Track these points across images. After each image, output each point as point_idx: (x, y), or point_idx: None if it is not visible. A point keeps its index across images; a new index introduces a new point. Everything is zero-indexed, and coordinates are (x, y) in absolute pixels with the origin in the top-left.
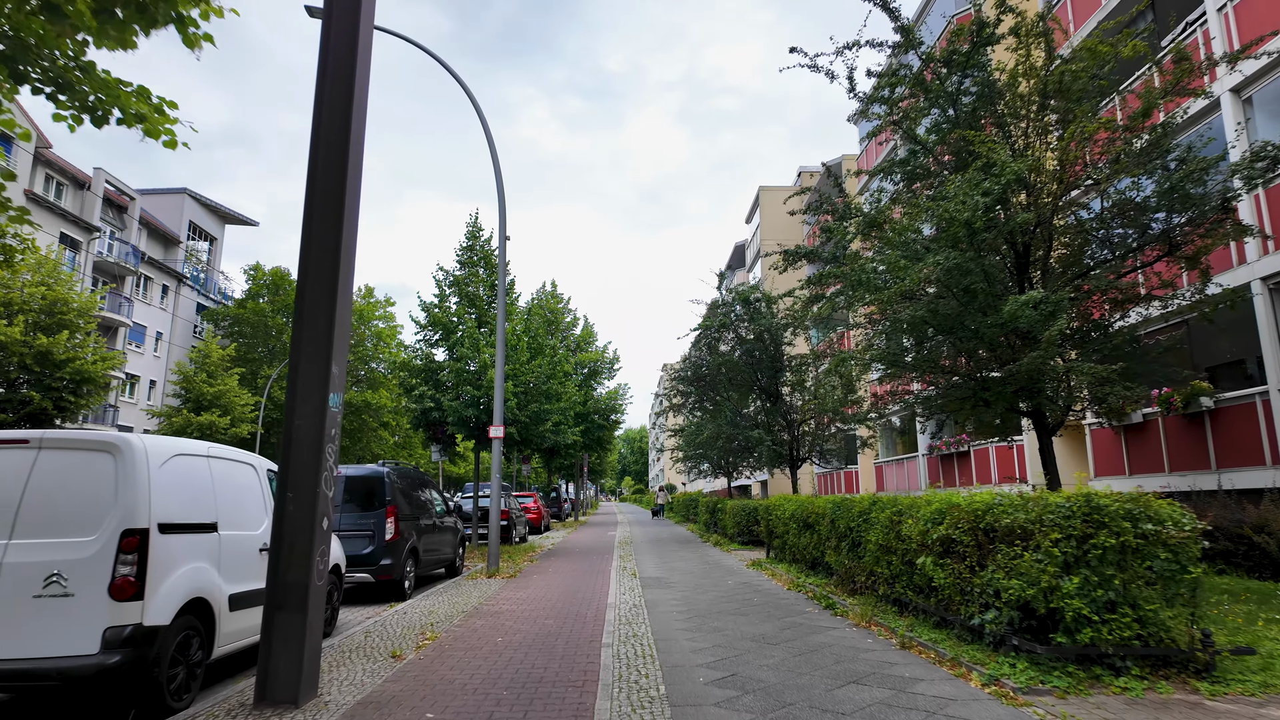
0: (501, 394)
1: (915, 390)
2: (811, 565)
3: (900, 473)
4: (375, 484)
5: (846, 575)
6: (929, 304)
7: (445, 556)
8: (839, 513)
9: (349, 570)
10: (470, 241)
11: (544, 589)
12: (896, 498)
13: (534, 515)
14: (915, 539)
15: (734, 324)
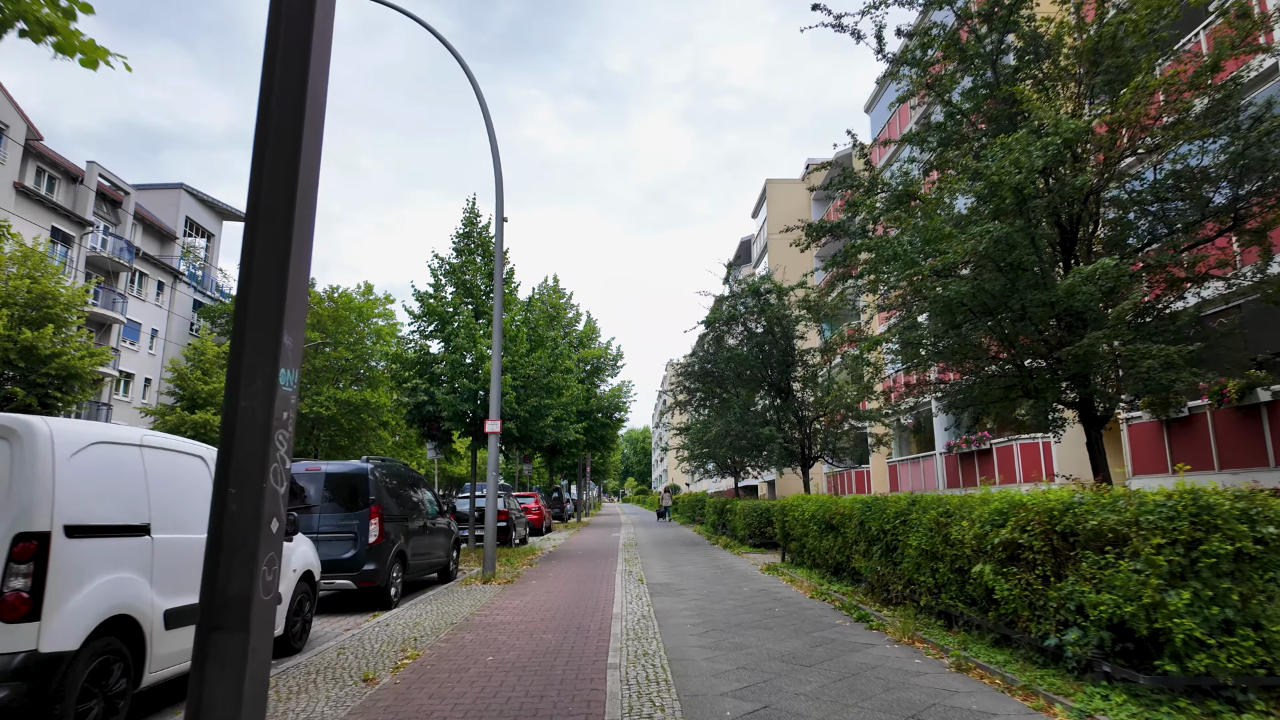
0: (498, 386)
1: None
2: (835, 571)
3: (916, 472)
4: (358, 482)
5: (879, 583)
6: (972, 280)
7: (438, 561)
8: (870, 514)
9: (328, 577)
10: (467, 228)
11: (543, 596)
12: (940, 496)
13: (535, 516)
14: (969, 544)
15: (743, 317)
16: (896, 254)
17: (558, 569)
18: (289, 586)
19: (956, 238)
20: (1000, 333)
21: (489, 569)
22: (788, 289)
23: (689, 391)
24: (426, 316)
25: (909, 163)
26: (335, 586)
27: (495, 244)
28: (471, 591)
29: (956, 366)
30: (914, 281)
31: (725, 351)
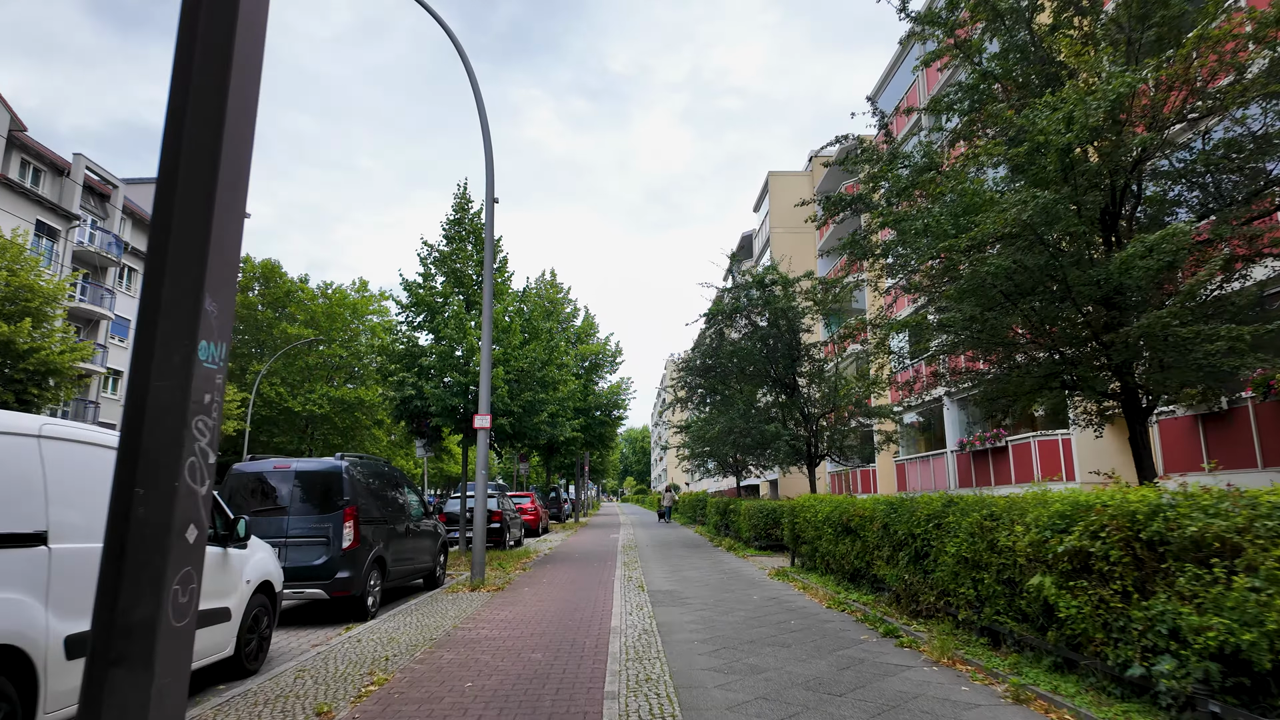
0: (488, 379)
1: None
2: (851, 578)
3: (925, 471)
4: (331, 481)
5: (906, 593)
6: (1010, 256)
7: (422, 566)
8: (895, 516)
9: (297, 585)
10: (458, 214)
11: (535, 606)
12: (983, 497)
13: (531, 517)
14: (1023, 552)
15: (746, 309)
16: (927, 226)
17: (552, 574)
18: (241, 600)
19: (996, 205)
20: (1037, 316)
21: (477, 575)
22: (793, 280)
23: (690, 387)
24: (415, 307)
25: (934, 131)
26: (305, 596)
27: (485, 225)
28: (457, 600)
29: (987, 354)
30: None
31: (728, 345)
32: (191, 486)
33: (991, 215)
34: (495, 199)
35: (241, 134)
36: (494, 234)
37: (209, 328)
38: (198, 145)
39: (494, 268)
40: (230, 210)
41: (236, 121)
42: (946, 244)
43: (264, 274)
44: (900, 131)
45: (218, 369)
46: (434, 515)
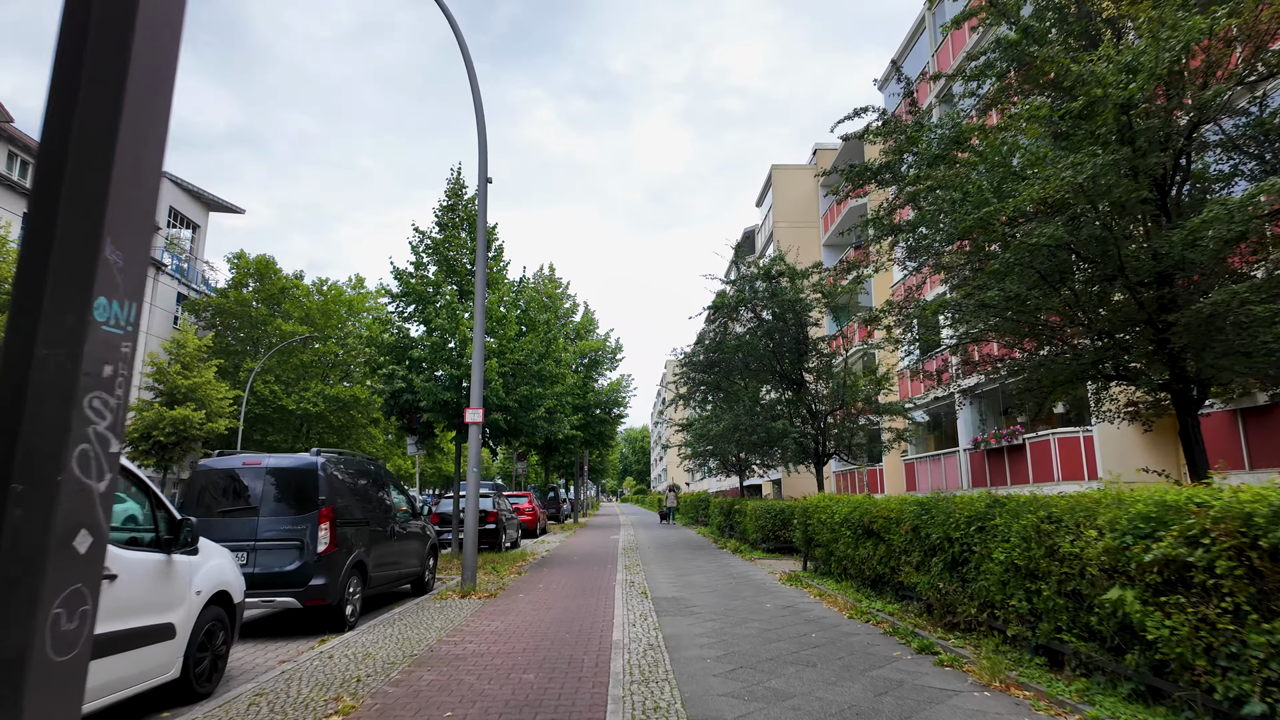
0: (480, 369)
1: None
2: (872, 584)
3: (936, 471)
4: (306, 479)
5: (940, 603)
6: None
7: (409, 571)
8: (928, 517)
9: (266, 594)
10: (451, 200)
11: (529, 615)
12: (1037, 496)
13: (529, 517)
14: (1096, 560)
15: (751, 302)
16: (966, 194)
17: (550, 578)
18: (189, 614)
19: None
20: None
21: (468, 581)
22: (801, 272)
23: (693, 383)
24: (406, 297)
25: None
26: (277, 605)
27: (478, 206)
28: (446, 608)
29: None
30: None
31: (732, 340)
32: (82, 481)
33: (1037, 181)
34: (489, 178)
35: (163, 26)
36: (487, 215)
37: (111, 281)
38: (104, 38)
39: (489, 255)
40: (144, 130)
41: (156, 12)
42: (990, 210)
43: (258, 270)
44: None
45: (124, 334)
46: (422, 516)
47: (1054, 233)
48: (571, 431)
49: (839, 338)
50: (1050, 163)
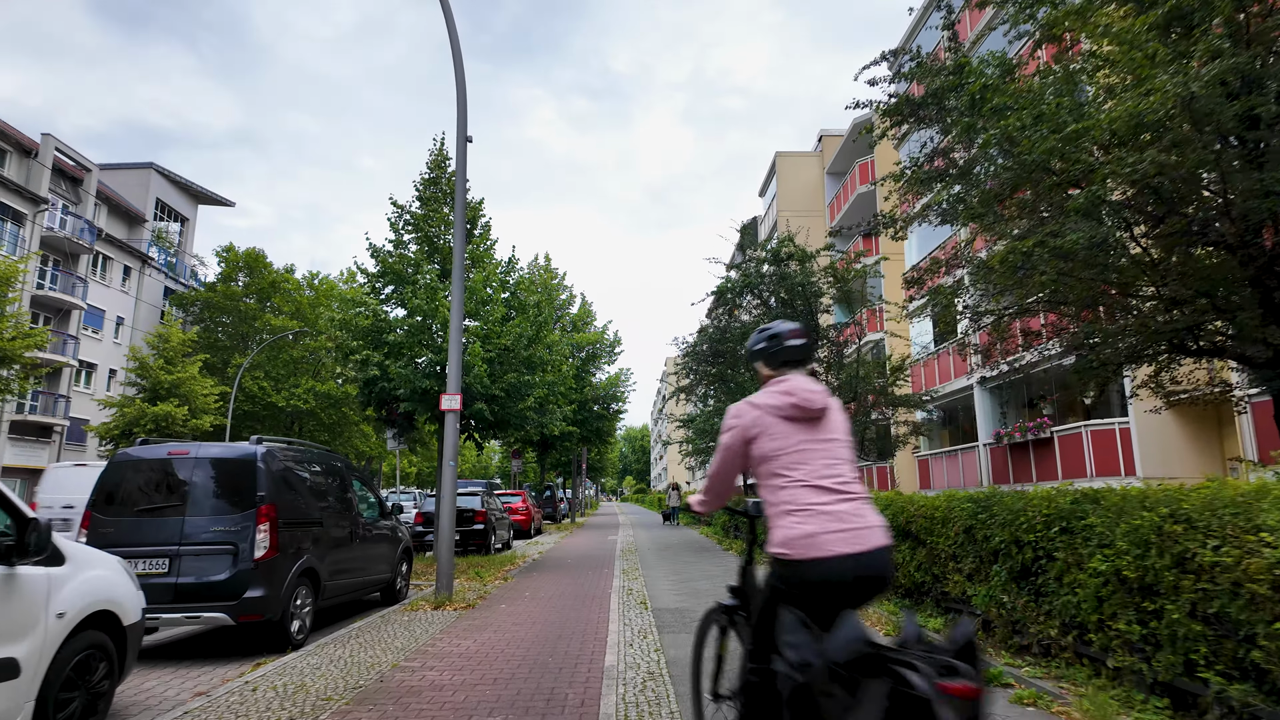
0: (458, 351)
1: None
2: (907, 594)
3: (953, 468)
4: (242, 472)
5: (1004, 621)
6: (1152, 158)
7: (376, 577)
8: (987, 517)
9: (190, 609)
10: (433, 173)
11: (508, 632)
12: (1151, 490)
13: (523, 517)
14: (1263, 575)
15: (758, 286)
16: (1038, 117)
17: (538, 585)
18: (44, 645)
19: (1158, 68)
20: (1182, 242)
21: (443, 589)
22: (811, 254)
23: (696, 374)
24: (382, 276)
25: (1018, 23)
26: (204, 622)
27: (457, 167)
28: (414, 622)
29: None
30: (1079, 151)
31: (737, 327)
32: None
33: (1129, 96)
34: (469, 138)
35: None
36: (466, 178)
37: None
38: None
39: (475, 233)
40: None
41: None
42: (1081, 125)
43: (248, 263)
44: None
45: None
46: (393, 516)
47: (1159, 159)
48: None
49: (851, 325)
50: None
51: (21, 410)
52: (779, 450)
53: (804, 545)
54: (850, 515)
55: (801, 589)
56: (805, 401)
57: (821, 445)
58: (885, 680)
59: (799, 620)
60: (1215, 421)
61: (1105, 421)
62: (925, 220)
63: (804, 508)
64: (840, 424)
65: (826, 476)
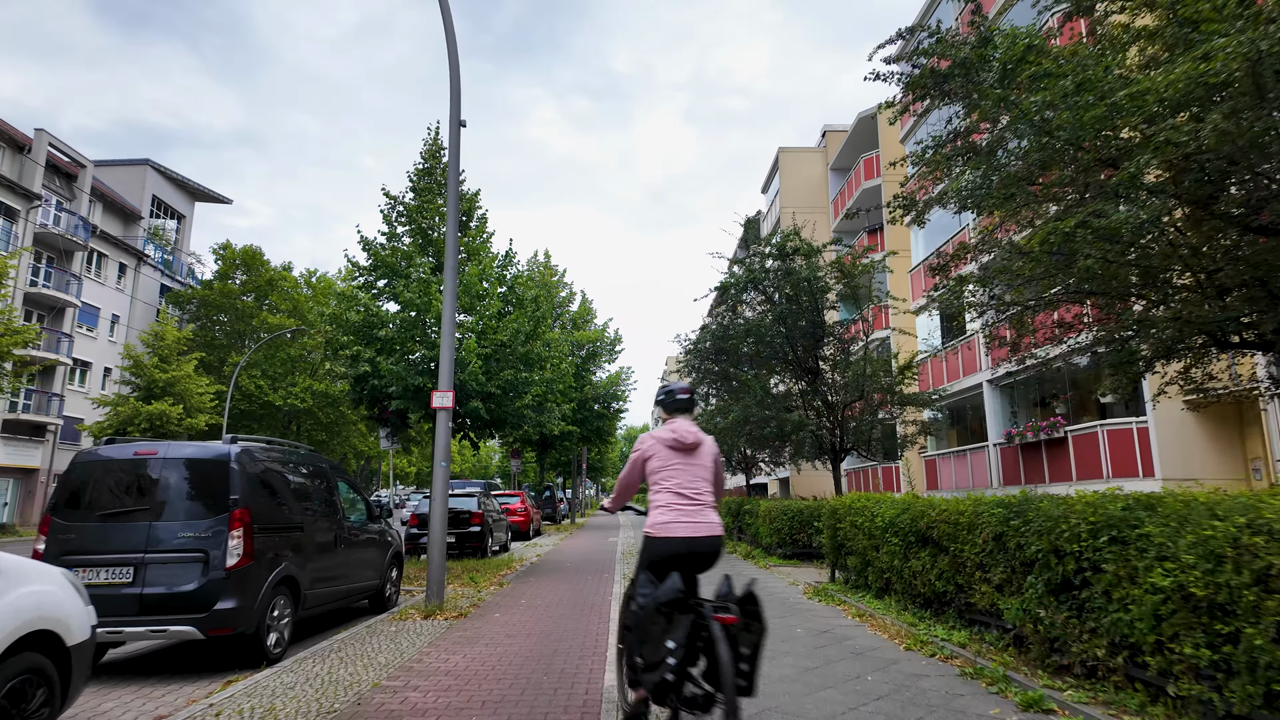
0: (451, 345)
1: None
2: (926, 604)
3: (961, 468)
4: (214, 473)
5: (1041, 638)
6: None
7: (363, 585)
8: (1021, 523)
9: (156, 622)
10: (428, 163)
11: (500, 645)
12: (1216, 498)
13: (521, 518)
14: None
15: (762, 283)
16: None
17: (535, 590)
18: None
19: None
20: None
21: (434, 597)
22: (817, 249)
23: (699, 372)
24: (374, 269)
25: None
26: (170, 636)
27: (449, 152)
28: (400, 633)
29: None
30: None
31: (741, 324)
32: None
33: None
34: (462, 122)
35: None
36: (459, 164)
37: None
38: None
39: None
40: None
41: None
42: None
43: (245, 261)
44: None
45: None
46: (382, 519)
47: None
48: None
49: (858, 322)
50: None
51: (15, 409)
52: (660, 467)
53: (661, 528)
54: (695, 513)
55: (657, 555)
56: (682, 437)
57: (690, 467)
58: (690, 615)
59: (648, 578)
60: (1237, 421)
61: (1122, 421)
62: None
63: (667, 505)
64: (707, 453)
65: (687, 487)
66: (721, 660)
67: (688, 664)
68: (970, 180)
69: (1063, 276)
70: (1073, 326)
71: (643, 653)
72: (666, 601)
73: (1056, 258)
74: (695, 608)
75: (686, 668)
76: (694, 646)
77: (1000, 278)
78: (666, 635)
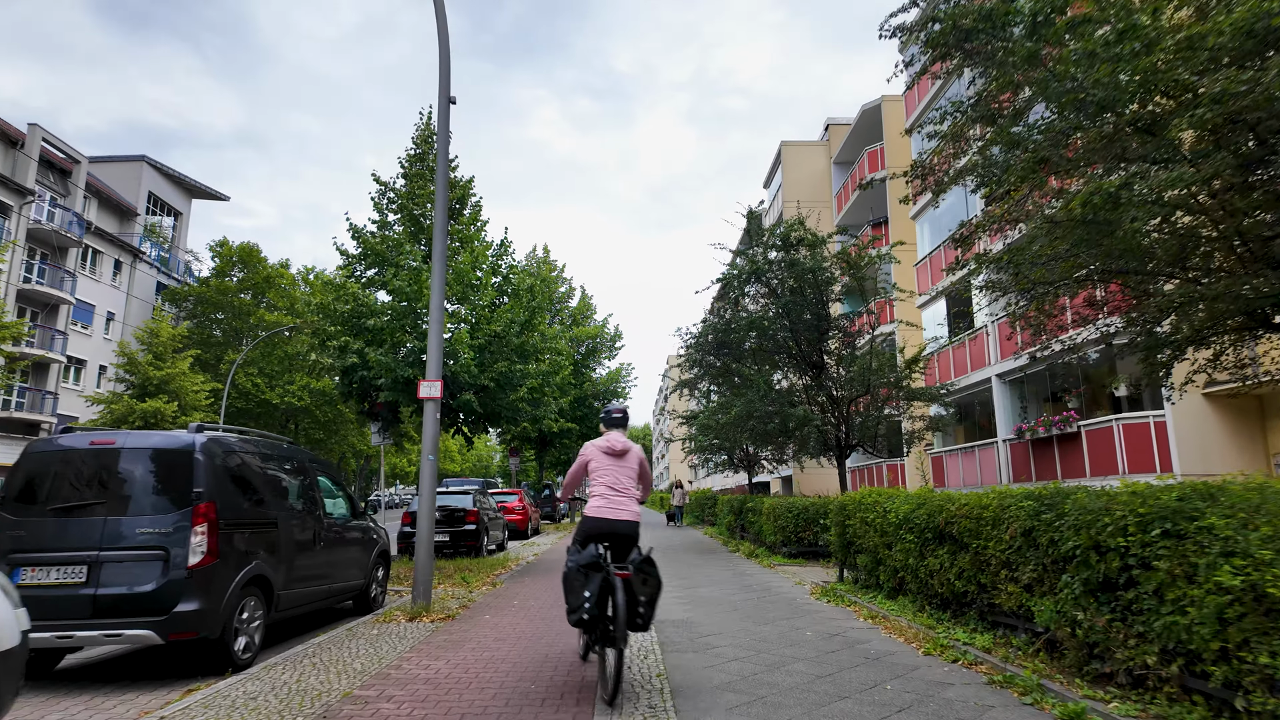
0: (439, 332)
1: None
2: (943, 604)
3: (969, 465)
4: (177, 465)
5: (1078, 643)
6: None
7: (346, 584)
8: (1051, 515)
9: (110, 628)
10: (420, 148)
11: (487, 651)
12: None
13: (519, 517)
14: None
15: (766, 274)
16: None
17: (528, 591)
18: None
19: None
20: None
21: (420, 598)
22: (823, 239)
23: (702, 367)
24: (364, 258)
25: None
26: (126, 641)
27: (439, 130)
28: (381, 637)
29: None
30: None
31: (744, 317)
32: None
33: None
34: (451, 99)
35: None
36: (449, 143)
37: None
38: None
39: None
40: None
41: None
42: (1186, 34)
43: (242, 258)
44: None
45: None
46: (367, 515)
47: None
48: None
49: (865, 314)
50: None
51: (7, 407)
52: (598, 468)
53: (593, 511)
54: (619, 503)
55: (588, 530)
56: (614, 445)
57: (620, 468)
58: (601, 573)
59: (577, 548)
60: (1258, 413)
61: (1139, 415)
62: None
63: (598, 495)
64: (634, 457)
65: (615, 483)
66: (617, 603)
67: (603, 609)
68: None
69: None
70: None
71: (569, 600)
72: (584, 564)
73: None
74: (604, 568)
75: (604, 613)
76: (605, 596)
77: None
78: (584, 588)
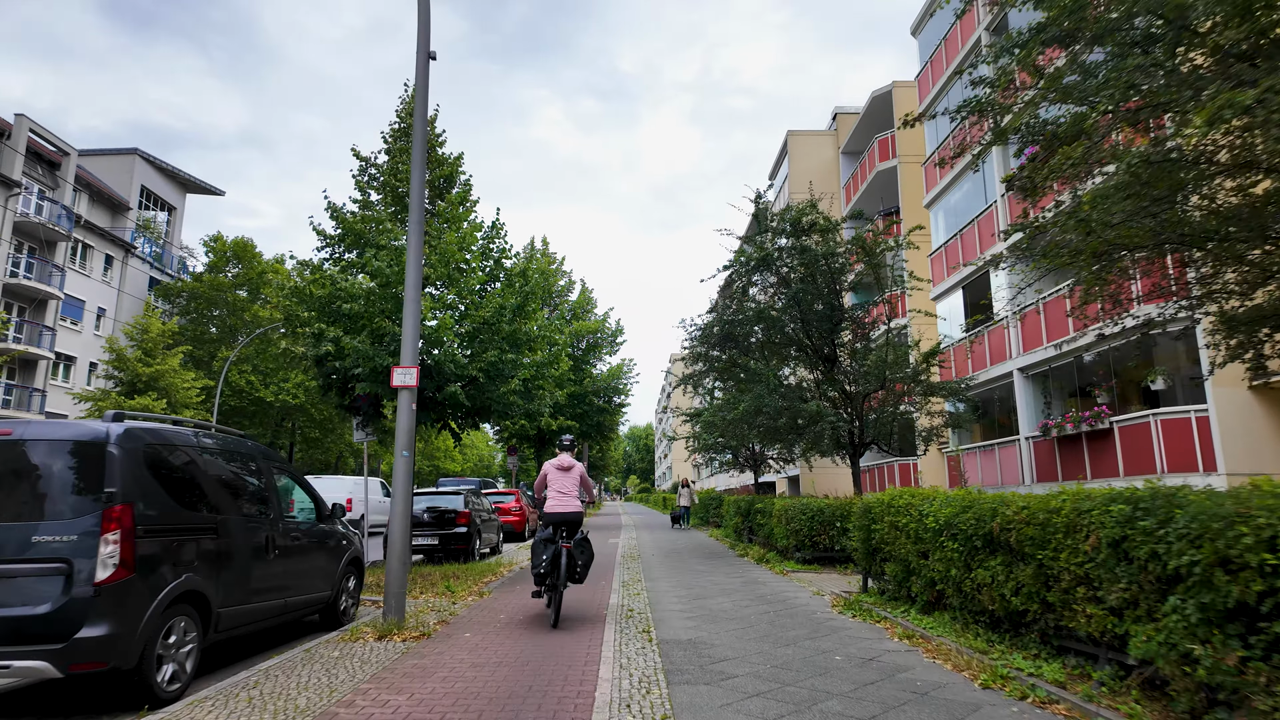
0: (415, 312)
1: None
2: (995, 623)
3: (989, 464)
4: (85, 460)
5: (1194, 684)
6: None
7: (309, 596)
8: (1152, 524)
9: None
10: (404, 122)
11: (462, 680)
12: None
13: (515, 518)
14: None
15: (776, 262)
16: None
17: (518, 602)
18: None
19: None
20: None
21: (391, 612)
22: (835, 224)
23: (707, 361)
24: (343, 239)
25: None
26: (16, 673)
27: (416, 90)
28: (344, 659)
29: None
30: None
31: (751, 307)
32: None
33: None
34: (431, 54)
35: None
36: (428, 103)
37: None
38: None
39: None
40: None
41: None
42: None
43: (236, 253)
44: None
45: None
46: (336, 519)
47: None
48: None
49: (880, 304)
50: None
51: None
52: (553, 479)
53: (549, 507)
54: (565, 501)
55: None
56: (562, 464)
57: (566, 479)
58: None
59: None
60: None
61: (1179, 409)
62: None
63: (553, 497)
64: (576, 472)
65: (564, 488)
66: (560, 565)
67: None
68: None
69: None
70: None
71: (533, 561)
72: (544, 539)
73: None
74: (555, 541)
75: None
76: (555, 559)
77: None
78: (543, 554)
